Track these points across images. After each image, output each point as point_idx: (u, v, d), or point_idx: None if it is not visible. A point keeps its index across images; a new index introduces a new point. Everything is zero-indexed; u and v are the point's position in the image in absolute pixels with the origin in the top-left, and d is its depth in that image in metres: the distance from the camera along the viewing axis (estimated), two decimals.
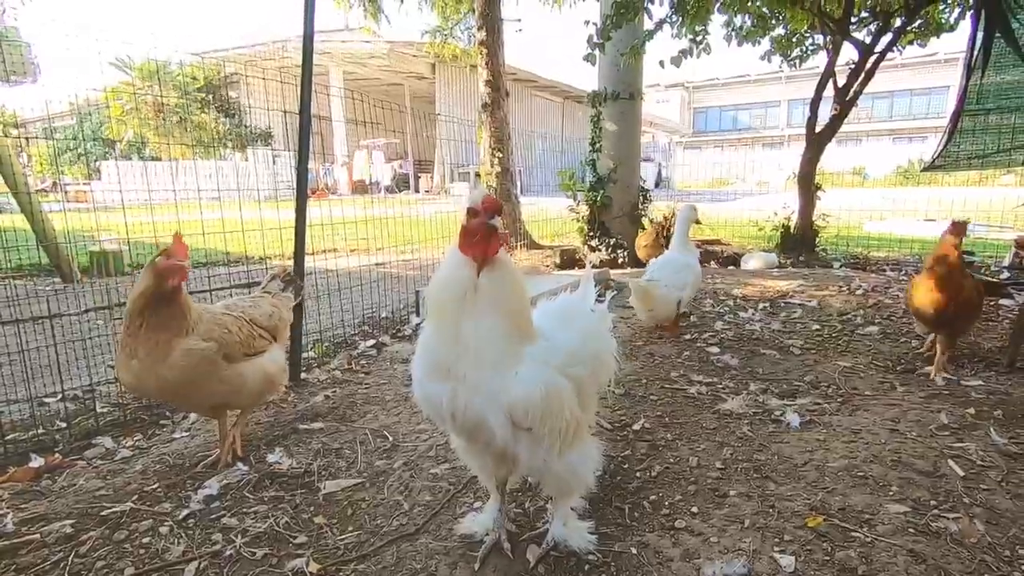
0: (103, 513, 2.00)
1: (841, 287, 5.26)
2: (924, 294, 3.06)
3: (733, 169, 28.23)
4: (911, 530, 1.75)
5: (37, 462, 2.37)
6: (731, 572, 1.57)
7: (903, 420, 2.52)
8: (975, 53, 6.07)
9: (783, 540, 1.73)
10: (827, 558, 1.64)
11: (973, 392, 2.83)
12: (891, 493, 1.96)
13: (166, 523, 1.94)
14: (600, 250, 7.47)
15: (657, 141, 35.67)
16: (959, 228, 3.07)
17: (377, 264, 6.40)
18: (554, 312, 1.76)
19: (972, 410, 2.58)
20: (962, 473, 2.06)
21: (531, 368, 1.47)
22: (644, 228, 7.64)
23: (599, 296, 1.90)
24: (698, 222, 4.39)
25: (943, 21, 7.73)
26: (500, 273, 1.47)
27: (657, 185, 26.56)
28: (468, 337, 1.45)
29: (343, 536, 1.86)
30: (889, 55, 7.18)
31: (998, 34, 5.73)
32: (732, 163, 29.55)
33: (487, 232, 1.42)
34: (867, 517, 1.83)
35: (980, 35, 5.89)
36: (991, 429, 2.38)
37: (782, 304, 4.75)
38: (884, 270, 6.33)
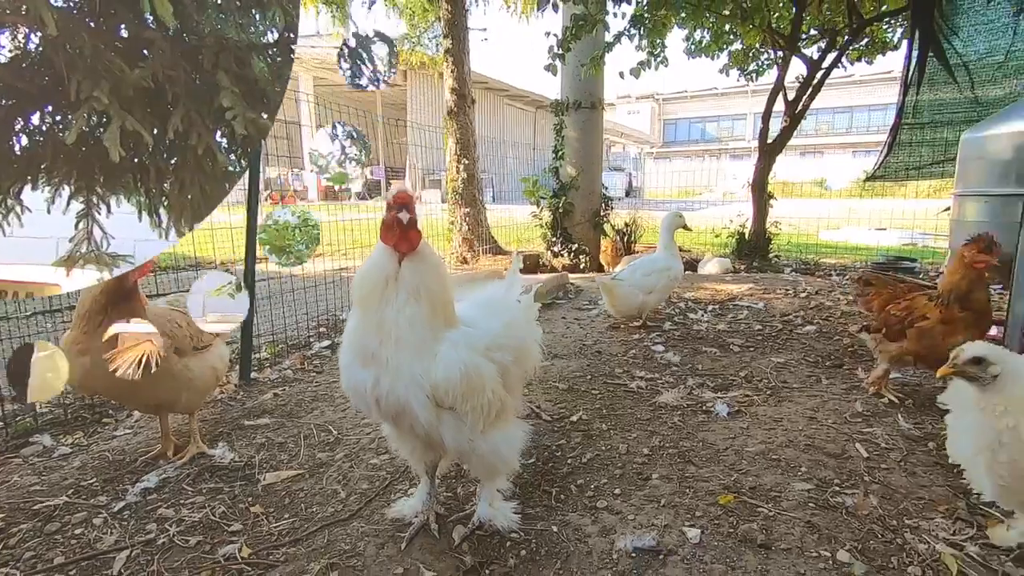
0: (36, 507, 2.01)
1: (788, 290, 5.50)
2: (958, 335, 2.36)
3: (697, 178, 28.84)
4: (811, 504, 1.89)
5: None
6: (641, 544, 1.68)
7: (822, 409, 2.69)
8: (911, 71, 6.48)
9: (694, 516, 1.85)
10: (732, 530, 1.76)
11: (890, 384, 3.01)
12: (800, 473, 2.10)
13: (100, 515, 1.96)
14: (562, 255, 7.63)
15: (628, 151, 36.36)
16: (990, 243, 2.42)
17: (342, 268, 6.41)
18: (480, 302, 1.86)
19: (886, 399, 2.76)
20: (866, 455, 2.22)
21: (451, 349, 1.56)
22: (606, 235, 7.85)
23: (525, 290, 2.00)
24: (687, 228, 4.44)
25: (888, 40, 8.19)
26: (420, 262, 1.56)
27: (628, 194, 27.01)
28: (390, 324, 1.54)
29: (278, 523, 1.90)
30: (848, 72, 7.56)
31: (931, 54, 6.13)
32: (700, 172, 30.22)
33: (403, 224, 1.50)
34: (774, 495, 1.96)
35: (915, 54, 6.31)
36: (899, 416, 2.56)
37: (731, 306, 4.94)
38: (831, 275, 6.62)
